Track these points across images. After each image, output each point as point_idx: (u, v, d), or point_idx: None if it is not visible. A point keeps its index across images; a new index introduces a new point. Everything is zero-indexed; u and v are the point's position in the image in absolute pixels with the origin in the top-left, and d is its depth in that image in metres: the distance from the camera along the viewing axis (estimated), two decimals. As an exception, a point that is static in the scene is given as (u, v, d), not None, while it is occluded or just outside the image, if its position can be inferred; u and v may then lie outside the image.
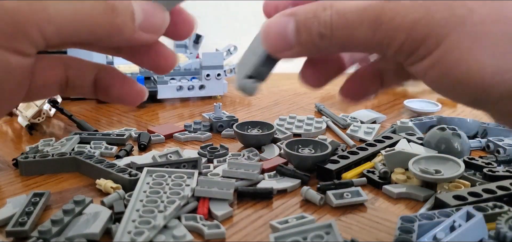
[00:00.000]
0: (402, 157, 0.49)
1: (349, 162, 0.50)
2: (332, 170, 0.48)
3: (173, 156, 0.53)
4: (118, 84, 0.29)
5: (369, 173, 0.49)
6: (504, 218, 0.37)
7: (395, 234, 0.37)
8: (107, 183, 0.45)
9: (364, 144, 0.55)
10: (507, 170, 0.47)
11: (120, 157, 0.53)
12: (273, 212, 0.43)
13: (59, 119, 0.68)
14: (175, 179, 0.45)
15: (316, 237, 0.37)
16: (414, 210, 0.43)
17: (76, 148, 0.56)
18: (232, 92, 0.85)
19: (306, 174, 0.48)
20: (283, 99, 0.81)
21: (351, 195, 0.44)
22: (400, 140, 0.54)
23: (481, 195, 0.42)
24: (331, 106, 0.76)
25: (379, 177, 0.48)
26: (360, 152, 0.52)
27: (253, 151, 0.55)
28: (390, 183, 0.47)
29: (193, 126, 0.63)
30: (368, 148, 0.54)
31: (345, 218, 0.42)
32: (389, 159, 0.49)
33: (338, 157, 0.50)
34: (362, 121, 0.67)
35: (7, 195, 0.45)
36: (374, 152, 0.53)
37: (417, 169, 0.46)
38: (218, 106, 0.67)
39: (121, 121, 0.69)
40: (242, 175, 0.47)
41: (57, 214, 0.39)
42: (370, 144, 0.55)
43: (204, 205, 0.42)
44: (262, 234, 0.39)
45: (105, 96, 0.30)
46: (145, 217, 0.38)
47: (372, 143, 0.55)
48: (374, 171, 0.49)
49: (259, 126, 0.60)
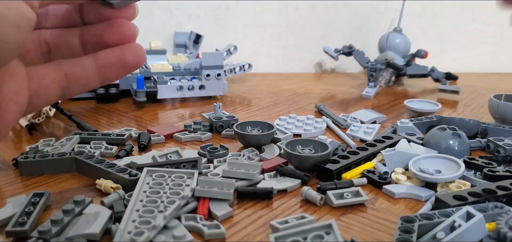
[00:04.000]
0: (402, 157, 0.49)
1: (349, 162, 0.50)
2: (332, 170, 0.48)
3: (173, 156, 0.53)
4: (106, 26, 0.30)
5: (369, 173, 0.49)
6: (504, 218, 0.37)
7: (395, 234, 0.37)
8: (107, 183, 0.45)
9: (364, 144, 0.55)
10: (507, 170, 0.48)
11: (120, 157, 0.53)
12: (273, 212, 0.43)
13: (59, 119, 0.68)
14: (175, 179, 0.45)
15: (316, 237, 0.37)
16: (414, 210, 0.43)
17: (76, 148, 0.56)
18: (232, 92, 0.85)
19: (307, 174, 0.48)
20: (283, 99, 0.81)
21: (351, 195, 0.44)
22: (400, 140, 0.54)
23: (481, 195, 0.42)
24: (331, 106, 0.76)
25: (379, 177, 0.48)
26: (360, 152, 0.52)
27: (253, 151, 0.55)
28: (390, 183, 0.48)
29: (193, 126, 0.63)
30: (368, 148, 0.54)
31: (345, 218, 0.42)
32: (389, 159, 0.49)
33: (338, 157, 0.50)
34: (362, 121, 0.67)
35: (7, 195, 0.45)
36: (374, 152, 0.53)
37: (417, 169, 0.46)
38: (218, 106, 0.67)
39: (121, 121, 0.69)
40: (242, 175, 0.47)
41: (57, 214, 0.39)
42: (370, 144, 0.55)
43: (204, 205, 0.42)
44: (262, 234, 0.39)
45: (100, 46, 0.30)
46: (145, 217, 0.38)
47: (372, 143, 0.55)
48: (374, 171, 0.49)
49: (259, 126, 0.60)
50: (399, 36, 0.94)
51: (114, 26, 0.30)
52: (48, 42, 0.30)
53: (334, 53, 0.95)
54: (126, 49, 0.30)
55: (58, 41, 0.30)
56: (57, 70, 0.29)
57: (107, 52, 0.30)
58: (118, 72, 0.30)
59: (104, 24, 0.30)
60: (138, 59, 0.30)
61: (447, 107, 0.79)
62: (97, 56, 0.30)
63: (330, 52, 0.96)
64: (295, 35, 1.07)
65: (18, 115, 0.28)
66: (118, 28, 0.30)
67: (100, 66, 0.30)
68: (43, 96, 0.29)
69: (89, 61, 0.30)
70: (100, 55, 0.30)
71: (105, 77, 0.30)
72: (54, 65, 0.29)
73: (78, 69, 0.30)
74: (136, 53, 0.30)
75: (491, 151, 0.55)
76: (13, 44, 0.24)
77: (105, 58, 0.30)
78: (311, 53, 1.08)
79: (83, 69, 0.30)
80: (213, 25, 1.01)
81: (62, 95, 0.30)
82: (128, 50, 0.30)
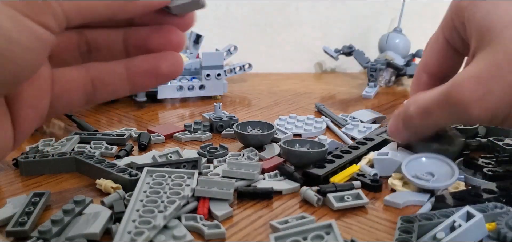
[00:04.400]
0: (392, 163, 0.48)
1: (335, 166, 0.48)
2: (320, 176, 0.46)
3: (173, 156, 0.53)
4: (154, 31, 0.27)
5: (360, 176, 0.48)
6: (504, 218, 0.37)
7: (395, 234, 0.37)
8: (107, 183, 0.45)
9: (347, 147, 0.53)
10: (507, 170, 0.47)
11: (120, 157, 0.53)
12: (273, 212, 0.43)
13: (59, 119, 0.68)
14: (175, 179, 0.45)
15: (316, 237, 0.37)
16: (414, 210, 0.43)
17: (76, 148, 0.56)
18: (232, 92, 0.85)
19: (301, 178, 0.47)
20: (283, 99, 0.81)
21: (352, 198, 0.44)
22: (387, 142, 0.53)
23: (481, 195, 0.42)
24: (331, 106, 0.76)
25: (371, 181, 0.47)
26: (345, 155, 0.51)
27: (253, 151, 0.55)
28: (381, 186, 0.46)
29: (193, 126, 0.63)
30: (351, 150, 0.52)
31: (345, 218, 0.42)
32: (379, 164, 0.49)
33: (323, 162, 0.49)
34: (362, 121, 0.67)
35: (7, 195, 0.45)
36: (359, 155, 0.52)
37: (412, 174, 0.45)
38: (218, 106, 0.67)
39: (121, 121, 0.69)
40: (242, 175, 0.47)
41: (57, 214, 0.39)
42: (353, 147, 0.53)
43: (204, 205, 0.42)
44: (262, 234, 0.39)
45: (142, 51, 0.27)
46: (145, 217, 0.38)
47: (355, 146, 0.53)
48: (364, 174, 0.48)
49: (259, 126, 0.60)
50: (399, 36, 0.94)
51: (162, 32, 0.27)
52: (89, 43, 0.28)
53: (334, 53, 0.95)
54: (162, 57, 0.27)
55: (100, 41, 0.28)
56: (84, 75, 0.27)
57: (140, 59, 0.27)
58: (150, 82, 0.27)
59: (151, 28, 0.27)
60: (174, 69, 0.27)
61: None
62: (129, 62, 0.27)
63: (330, 52, 0.96)
64: (295, 35, 1.07)
65: (38, 122, 0.26)
66: (166, 34, 0.27)
67: (132, 74, 0.27)
68: (66, 102, 0.26)
69: (119, 67, 0.27)
70: (133, 61, 0.27)
71: (135, 85, 0.27)
72: (82, 69, 0.27)
73: (106, 75, 0.27)
74: (173, 62, 0.27)
75: (491, 151, 0.55)
76: (27, 67, 0.23)
77: (138, 65, 0.27)
78: (311, 53, 1.08)
79: (112, 76, 0.27)
80: (213, 25, 1.01)
81: (86, 102, 0.27)
82: (164, 58, 0.27)
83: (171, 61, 0.27)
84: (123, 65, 0.27)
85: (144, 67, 0.27)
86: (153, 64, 0.27)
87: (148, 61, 0.27)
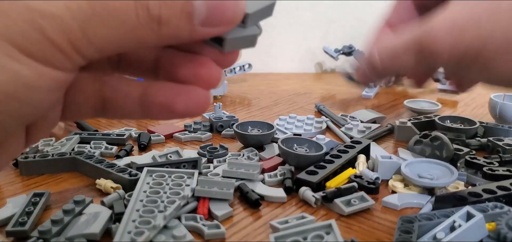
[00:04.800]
0: (394, 165, 0.48)
1: (327, 172, 0.47)
2: (313, 182, 0.45)
3: (173, 156, 0.53)
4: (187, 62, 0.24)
5: (357, 178, 0.47)
6: (504, 218, 0.37)
7: (395, 234, 0.37)
8: (107, 183, 0.45)
9: (337, 151, 0.52)
10: (507, 170, 0.47)
11: (120, 157, 0.53)
12: (273, 212, 0.43)
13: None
14: (175, 179, 0.45)
15: (316, 237, 0.37)
16: (414, 210, 0.43)
17: (76, 148, 0.56)
18: (232, 92, 0.85)
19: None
20: (283, 99, 0.81)
21: (359, 201, 0.43)
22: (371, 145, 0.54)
23: (481, 195, 0.42)
24: (331, 106, 0.76)
25: (368, 183, 0.46)
26: (335, 160, 0.50)
27: (253, 151, 0.55)
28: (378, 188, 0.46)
29: (193, 126, 0.63)
30: (341, 155, 0.51)
31: (345, 218, 0.42)
32: (383, 167, 0.49)
33: (315, 167, 0.48)
34: (362, 121, 0.67)
35: (7, 195, 0.45)
36: (350, 159, 0.51)
37: (414, 175, 0.46)
38: (218, 106, 0.67)
39: (121, 121, 0.69)
40: (242, 175, 0.47)
41: (57, 214, 0.39)
42: (342, 151, 0.52)
43: (204, 205, 0.42)
44: (262, 234, 0.39)
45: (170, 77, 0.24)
46: (145, 217, 0.38)
47: (344, 150, 0.52)
48: (361, 176, 0.48)
49: (259, 126, 0.60)
50: (399, 36, 0.94)
51: (195, 63, 0.24)
52: (121, 54, 0.26)
53: (334, 53, 0.95)
54: (181, 92, 0.23)
55: (131, 56, 0.26)
56: (98, 90, 0.24)
57: (158, 87, 0.24)
58: (163, 115, 0.24)
59: (186, 56, 0.24)
60: (193, 109, 0.24)
61: (447, 107, 0.79)
62: (147, 88, 0.24)
63: (330, 52, 0.96)
64: (295, 35, 1.07)
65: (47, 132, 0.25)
66: (197, 66, 0.24)
67: (146, 102, 0.24)
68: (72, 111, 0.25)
69: (135, 90, 0.24)
70: (151, 88, 0.24)
71: (148, 114, 0.24)
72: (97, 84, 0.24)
73: (120, 98, 0.24)
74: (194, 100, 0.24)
75: (491, 151, 0.55)
76: (47, 106, 0.22)
77: (154, 94, 0.24)
78: (311, 53, 1.08)
79: (125, 100, 0.24)
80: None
81: (93, 116, 0.25)
82: (184, 94, 0.23)
83: (191, 99, 0.24)
84: (140, 88, 0.24)
85: (159, 99, 0.23)
86: (169, 98, 0.23)
87: (165, 93, 0.23)
